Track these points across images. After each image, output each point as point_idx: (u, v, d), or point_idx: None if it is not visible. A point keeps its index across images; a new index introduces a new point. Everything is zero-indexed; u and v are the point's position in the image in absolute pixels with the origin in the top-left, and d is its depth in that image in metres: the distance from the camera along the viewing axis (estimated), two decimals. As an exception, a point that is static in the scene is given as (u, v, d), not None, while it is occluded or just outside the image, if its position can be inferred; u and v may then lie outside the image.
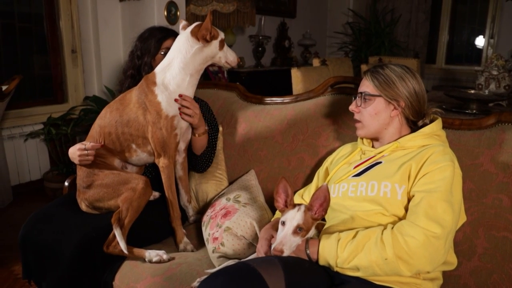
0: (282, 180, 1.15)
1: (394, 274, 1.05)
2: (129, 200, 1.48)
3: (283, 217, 1.12)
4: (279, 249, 1.06)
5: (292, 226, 1.09)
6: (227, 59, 1.53)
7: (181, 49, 1.47)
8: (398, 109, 1.27)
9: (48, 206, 1.59)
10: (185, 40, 1.47)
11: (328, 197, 1.11)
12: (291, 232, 1.09)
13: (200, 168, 1.76)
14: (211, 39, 1.46)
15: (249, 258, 1.34)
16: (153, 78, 1.50)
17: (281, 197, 1.16)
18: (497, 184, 1.28)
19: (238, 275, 0.93)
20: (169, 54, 1.51)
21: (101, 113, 1.61)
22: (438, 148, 1.19)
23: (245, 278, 0.92)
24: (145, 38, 1.75)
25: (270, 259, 1.03)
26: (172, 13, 3.41)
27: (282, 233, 1.09)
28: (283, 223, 1.11)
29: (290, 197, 1.15)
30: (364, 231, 1.10)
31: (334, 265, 1.08)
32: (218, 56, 1.51)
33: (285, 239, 1.07)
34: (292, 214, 1.11)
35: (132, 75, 1.76)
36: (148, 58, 1.72)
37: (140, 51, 1.74)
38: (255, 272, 0.93)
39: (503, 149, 1.31)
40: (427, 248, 1.02)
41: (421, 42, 5.56)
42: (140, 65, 1.74)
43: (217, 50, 1.49)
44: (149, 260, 1.42)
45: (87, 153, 1.51)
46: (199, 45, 1.45)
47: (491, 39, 5.20)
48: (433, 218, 1.05)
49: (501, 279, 1.22)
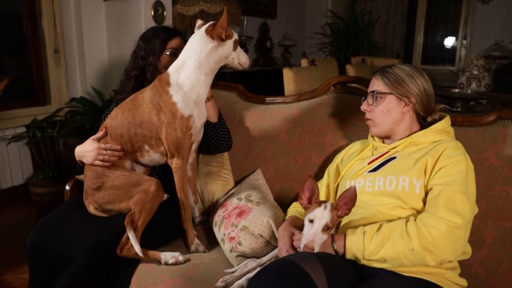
0: (309, 178, 1.18)
1: (420, 264, 1.09)
2: (142, 202, 1.46)
3: (310, 215, 1.14)
4: (311, 246, 1.08)
5: (321, 224, 1.12)
6: (240, 60, 1.54)
7: (196, 48, 1.46)
8: (409, 105, 1.32)
9: (55, 212, 1.54)
10: (199, 38, 1.46)
11: (354, 198, 1.15)
12: (320, 229, 1.11)
13: (226, 140, 1.74)
14: (226, 38, 1.45)
15: (270, 256, 1.36)
16: (167, 79, 1.49)
17: (305, 194, 1.19)
18: (502, 177, 1.35)
19: (286, 271, 0.95)
20: (182, 54, 1.51)
21: (111, 114, 1.58)
22: (450, 143, 1.25)
23: (293, 274, 0.94)
24: (149, 38, 1.73)
25: (307, 256, 1.05)
26: (159, 12, 3.37)
27: (312, 231, 1.11)
28: (311, 220, 1.14)
29: (317, 195, 1.17)
30: (388, 224, 1.14)
31: (361, 257, 1.11)
32: (232, 57, 1.51)
33: (316, 236, 1.10)
34: (320, 212, 1.13)
35: (136, 76, 1.74)
36: (153, 59, 1.70)
37: (144, 51, 1.72)
38: (300, 268, 0.96)
39: (507, 144, 1.38)
40: (450, 238, 1.08)
41: (398, 43, 5.73)
42: (144, 66, 1.72)
43: (231, 50, 1.49)
44: (165, 262, 1.41)
45: (105, 152, 1.49)
46: (213, 44, 1.45)
47: (464, 40, 5.43)
48: (453, 210, 1.10)
49: (510, 267, 1.28)
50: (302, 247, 1.10)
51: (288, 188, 1.76)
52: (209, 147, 1.74)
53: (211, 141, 1.72)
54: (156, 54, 1.70)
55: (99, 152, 1.51)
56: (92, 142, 1.56)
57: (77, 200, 1.62)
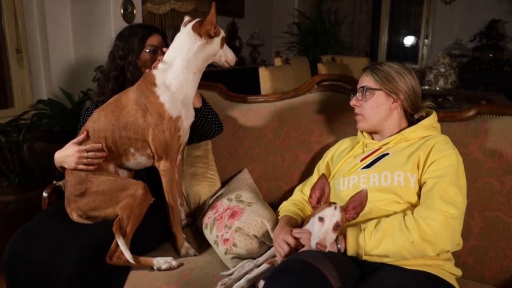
0: (323, 177, 1.18)
1: (420, 256, 1.12)
2: (130, 207, 1.40)
3: (321, 214, 1.14)
4: (324, 244, 1.08)
5: (332, 223, 1.12)
6: (227, 57, 1.51)
7: (183, 46, 1.42)
8: (397, 101, 1.35)
9: (35, 220, 1.45)
10: (186, 36, 1.42)
11: (364, 202, 1.16)
12: (331, 228, 1.12)
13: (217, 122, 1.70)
14: (214, 35, 1.42)
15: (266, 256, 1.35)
16: (152, 79, 1.44)
17: (316, 194, 1.19)
18: (486, 169, 1.41)
19: (303, 271, 0.94)
20: (168, 53, 1.46)
21: (93, 116, 1.50)
22: (439, 137, 1.29)
23: (309, 273, 0.94)
24: (127, 37, 1.67)
25: (316, 254, 1.05)
26: (128, 11, 3.27)
27: (324, 229, 1.12)
28: (321, 219, 1.14)
29: (327, 195, 1.18)
30: (386, 219, 1.16)
31: (363, 253, 1.13)
32: (219, 54, 1.48)
33: (328, 235, 1.11)
34: (330, 211, 1.14)
35: (116, 76, 1.66)
36: (132, 58, 1.64)
37: (123, 50, 1.64)
38: (314, 267, 0.96)
39: (489, 137, 1.44)
40: (447, 228, 1.11)
41: (364, 41, 5.88)
42: (124, 66, 1.65)
43: (218, 47, 1.46)
44: (158, 268, 1.36)
45: (87, 155, 1.42)
46: (201, 42, 1.41)
47: (425, 40, 5.65)
48: (448, 201, 1.14)
49: (497, 255, 1.34)
50: (314, 245, 1.10)
51: (276, 187, 1.75)
52: (202, 134, 1.70)
53: (203, 128, 1.68)
54: (135, 52, 1.63)
55: (80, 155, 1.44)
56: (72, 145, 1.48)
57: (58, 207, 1.54)
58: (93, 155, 1.45)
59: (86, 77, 3.30)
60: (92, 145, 1.46)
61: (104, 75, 1.70)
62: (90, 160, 1.44)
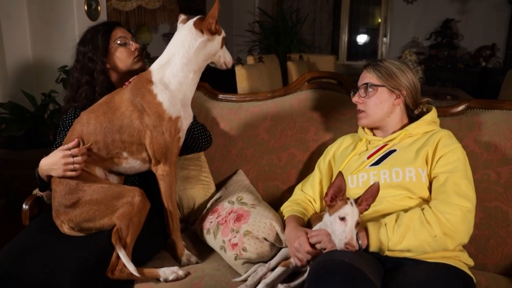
0: (339, 176, 1.16)
1: (441, 249, 1.14)
2: (128, 216, 1.31)
3: (341, 212, 1.13)
4: (353, 243, 1.08)
5: (354, 222, 1.12)
6: (225, 59, 1.44)
7: (184, 43, 1.34)
8: (400, 97, 1.37)
9: (22, 236, 1.32)
10: (187, 32, 1.34)
11: (376, 194, 1.16)
12: (354, 227, 1.11)
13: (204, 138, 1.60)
14: (216, 32, 1.35)
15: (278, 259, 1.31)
16: (149, 76, 1.35)
17: (332, 192, 1.17)
18: (483, 162, 1.46)
19: (348, 271, 0.93)
20: (167, 49, 1.38)
21: (81, 119, 1.39)
22: (443, 132, 1.32)
23: (355, 274, 0.93)
24: (90, 39, 1.54)
25: (349, 254, 1.03)
26: (92, 7, 3.09)
27: (348, 228, 1.10)
28: (342, 218, 1.12)
29: (343, 192, 1.16)
30: (405, 214, 1.17)
31: (386, 248, 1.13)
32: (219, 55, 1.41)
33: (353, 233, 1.10)
34: (350, 209, 1.13)
35: (87, 81, 1.54)
36: (100, 57, 1.51)
37: (91, 52, 1.52)
38: (355, 267, 0.95)
39: (482, 131, 1.49)
40: (465, 222, 1.14)
41: (326, 40, 5.99)
42: (95, 68, 1.53)
43: (219, 47, 1.39)
44: (165, 279, 1.28)
45: (73, 161, 1.30)
46: (203, 39, 1.34)
47: (384, 38, 5.85)
48: (461, 194, 1.17)
49: (497, 243, 1.40)
50: (342, 246, 1.07)
51: (273, 187, 1.72)
52: (189, 148, 1.62)
53: (189, 143, 1.61)
54: (101, 50, 1.51)
55: (66, 161, 1.32)
56: (58, 152, 1.36)
57: (45, 220, 1.41)
58: (80, 159, 1.33)
59: (47, 78, 3.07)
60: (79, 149, 1.34)
61: (75, 83, 1.56)
62: (78, 165, 1.33)
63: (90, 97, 1.52)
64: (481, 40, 5.33)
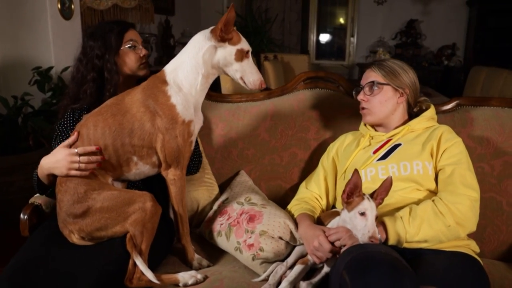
0: (356, 173, 1.19)
1: (454, 238, 1.22)
2: (141, 222, 1.28)
3: (360, 208, 1.16)
4: (377, 236, 1.12)
5: (373, 216, 1.16)
6: (245, 76, 1.32)
7: (195, 44, 1.33)
8: (403, 96, 1.43)
9: (28, 248, 1.25)
10: (202, 35, 1.33)
11: (389, 188, 1.21)
12: (374, 220, 1.15)
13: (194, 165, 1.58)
14: (226, 38, 1.30)
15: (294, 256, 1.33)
16: (163, 77, 1.32)
17: (347, 189, 1.20)
18: (477, 155, 1.55)
19: (391, 262, 0.96)
20: (182, 51, 1.36)
21: (87, 123, 1.34)
22: (444, 128, 1.40)
23: (398, 264, 0.96)
24: (101, 35, 1.50)
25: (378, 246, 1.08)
26: (66, 6, 2.96)
27: (369, 223, 1.14)
28: (362, 213, 1.15)
29: (359, 188, 1.19)
30: (417, 206, 1.23)
31: (404, 241, 1.18)
32: (234, 68, 1.32)
33: (375, 227, 1.14)
34: (368, 204, 1.17)
35: (94, 78, 1.49)
36: (110, 56, 1.48)
37: (100, 49, 1.48)
38: (395, 257, 0.99)
39: (475, 127, 1.59)
40: (473, 211, 1.22)
41: (295, 39, 6.08)
42: (102, 66, 1.49)
43: (232, 58, 1.31)
44: (184, 284, 1.27)
45: (79, 159, 1.26)
46: (212, 43, 1.31)
47: (351, 38, 6.03)
48: (467, 185, 1.25)
49: (493, 231, 1.49)
50: (366, 239, 1.11)
51: (276, 186, 1.73)
52: None
53: None
54: (113, 49, 1.48)
55: (72, 159, 1.27)
56: (61, 149, 1.31)
57: (48, 230, 1.35)
58: (86, 159, 1.28)
59: (18, 80, 2.91)
60: (85, 148, 1.30)
61: (78, 79, 1.51)
62: (83, 165, 1.28)
63: (94, 95, 1.48)
64: (442, 40, 5.63)
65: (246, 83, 1.34)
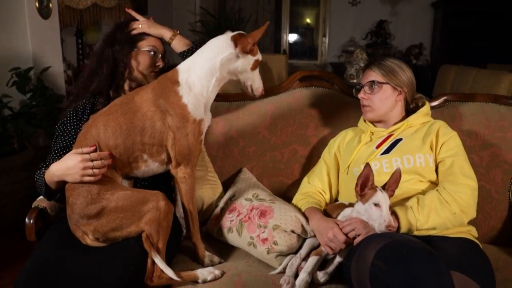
0: (367, 166, 1.25)
1: (458, 225, 1.31)
2: (156, 221, 1.28)
3: (374, 199, 1.23)
4: (393, 225, 1.19)
5: (387, 206, 1.23)
6: (254, 83, 1.41)
7: (214, 48, 1.34)
8: (402, 94, 1.51)
9: (42, 253, 1.23)
10: (223, 41, 1.34)
11: (399, 180, 1.28)
12: (389, 210, 1.22)
13: None
14: (249, 52, 1.35)
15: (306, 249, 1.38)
16: (175, 77, 1.33)
17: (359, 182, 1.26)
18: (467, 147, 1.63)
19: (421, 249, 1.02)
20: (197, 53, 1.37)
21: (96, 123, 1.33)
22: (440, 123, 1.50)
23: (427, 249, 1.03)
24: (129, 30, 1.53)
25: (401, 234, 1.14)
26: (44, 4, 2.87)
27: (385, 212, 1.21)
28: (376, 204, 1.22)
29: (371, 181, 1.26)
30: (424, 196, 1.31)
31: (415, 228, 1.26)
32: (247, 76, 1.39)
33: (390, 216, 1.21)
34: (382, 195, 1.23)
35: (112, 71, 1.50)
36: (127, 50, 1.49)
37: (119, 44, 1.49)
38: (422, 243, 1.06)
39: (463, 121, 1.70)
40: (473, 199, 1.32)
41: (268, 40, 6.14)
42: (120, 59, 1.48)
43: (249, 68, 1.37)
44: (204, 280, 1.29)
45: (93, 165, 1.25)
46: (233, 52, 1.33)
47: (324, 38, 6.17)
48: (466, 175, 1.35)
49: (484, 217, 1.61)
50: (383, 228, 1.17)
51: (278, 182, 1.78)
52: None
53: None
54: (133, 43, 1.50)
55: (85, 165, 1.25)
56: (73, 155, 1.28)
57: (58, 233, 1.33)
58: (99, 163, 1.27)
59: (-6, 81, 2.79)
60: (99, 153, 1.29)
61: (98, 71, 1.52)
62: (97, 171, 1.27)
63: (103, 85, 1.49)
64: (410, 40, 5.88)
65: (254, 90, 1.42)
